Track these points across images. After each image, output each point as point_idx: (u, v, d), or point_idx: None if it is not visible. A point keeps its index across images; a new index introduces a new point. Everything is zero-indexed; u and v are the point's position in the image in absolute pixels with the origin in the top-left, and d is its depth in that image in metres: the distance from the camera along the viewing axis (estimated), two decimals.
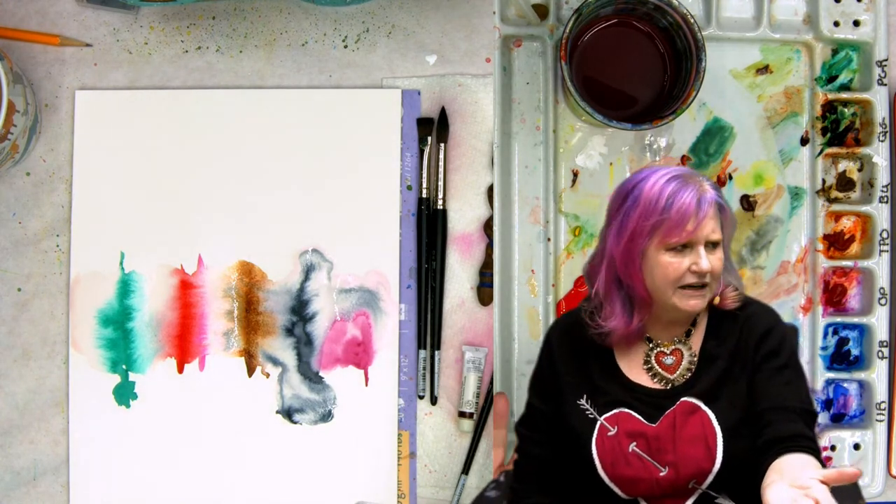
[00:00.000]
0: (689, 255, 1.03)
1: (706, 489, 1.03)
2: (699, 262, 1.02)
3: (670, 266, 1.03)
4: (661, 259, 1.03)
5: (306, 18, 1.31)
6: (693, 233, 1.02)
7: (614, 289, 1.07)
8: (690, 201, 1.02)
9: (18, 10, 1.30)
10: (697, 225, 1.02)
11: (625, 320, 1.06)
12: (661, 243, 1.03)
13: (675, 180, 1.03)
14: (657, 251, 1.03)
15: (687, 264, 1.03)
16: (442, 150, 1.30)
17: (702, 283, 1.03)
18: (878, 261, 1.29)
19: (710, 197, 1.03)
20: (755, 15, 1.31)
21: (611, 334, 1.07)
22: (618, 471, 1.04)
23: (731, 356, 1.05)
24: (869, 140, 1.30)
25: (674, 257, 1.03)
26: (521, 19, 1.30)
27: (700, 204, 1.02)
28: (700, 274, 1.02)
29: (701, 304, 1.04)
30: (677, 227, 1.02)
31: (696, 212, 1.02)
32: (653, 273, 1.04)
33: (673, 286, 1.03)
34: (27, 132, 1.24)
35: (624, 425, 1.05)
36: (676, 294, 1.03)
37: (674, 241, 1.02)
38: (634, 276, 1.05)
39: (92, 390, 1.28)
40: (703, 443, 1.03)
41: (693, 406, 1.04)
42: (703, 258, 1.02)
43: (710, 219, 1.03)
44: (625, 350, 1.08)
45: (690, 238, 1.02)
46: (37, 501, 1.29)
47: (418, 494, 1.30)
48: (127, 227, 1.29)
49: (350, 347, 1.29)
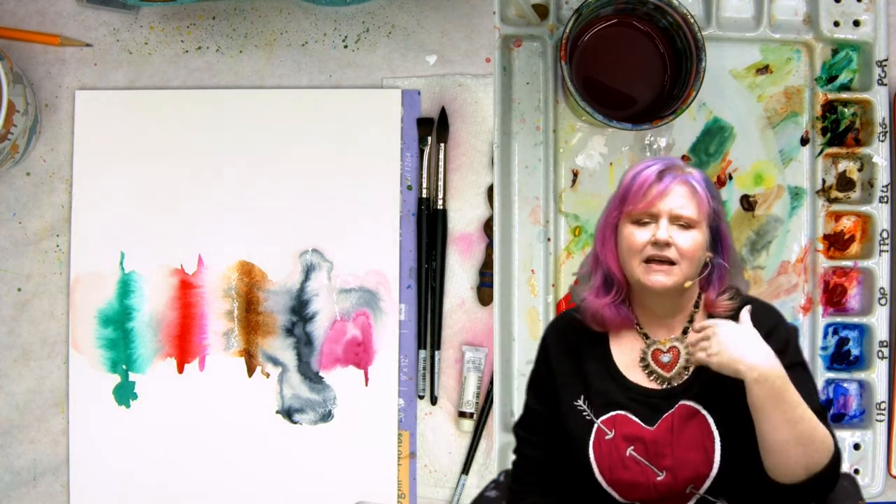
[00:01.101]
0: (652, 229, 1.04)
1: (704, 494, 1.03)
2: (657, 233, 1.03)
3: (632, 236, 1.05)
4: (625, 231, 1.06)
5: (306, 18, 1.31)
6: (651, 203, 1.04)
7: (597, 267, 1.10)
8: (652, 173, 1.05)
9: (18, 10, 1.30)
10: (656, 195, 1.04)
11: (601, 298, 1.08)
12: (626, 215, 1.06)
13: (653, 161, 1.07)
14: (624, 224, 1.06)
15: (647, 236, 1.04)
16: (442, 150, 1.30)
17: (665, 259, 1.03)
18: (878, 261, 1.29)
19: (678, 174, 1.05)
20: (755, 15, 1.31)
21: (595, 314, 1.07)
22: (615, 475, 1.04)
23: None
24: (869, 140, 1.30)
25: (637, 228, 1.05)
26: (521, 19, 1.30)
27: (661, 176, 1.05)
28: (658, 244, 1.03)
29: (665, 281, 1.04)
30: (636, 196, 1.05)
31: (655, 183, 1.04)
32: (621, 246, 1.06)
33: (637, 258, 1.04)
34: (27, 132, 1.24)
35: (621, 428, 1.05)
36: (640, 267, 1.04)
37: (631, 209, 1.05)
38: (608, 252, 1.08)
39: (92, 390, 1.28)
40: (701, 447, 1.02)
41: (692, 410, 1.04)
42: (662, 228, 1.03)
43: (678, 195, 1.04)
44: (621, 346, 1.08)
45: (650, 209, 1.04)
46: (37, 501, 1.29)
47: (418, 494, 1.30)
48: (127, 227, 1.29)
49: (350, 347, 1.29)
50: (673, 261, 1.03)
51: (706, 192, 1.06)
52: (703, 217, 1.05)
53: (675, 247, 1.03)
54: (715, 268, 1.07)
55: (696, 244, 1.04)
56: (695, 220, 1.04)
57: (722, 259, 1.08)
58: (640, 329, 1.08)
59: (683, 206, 1.04)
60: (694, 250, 1.04)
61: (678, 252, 1.03)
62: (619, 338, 1.09)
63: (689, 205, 1.04)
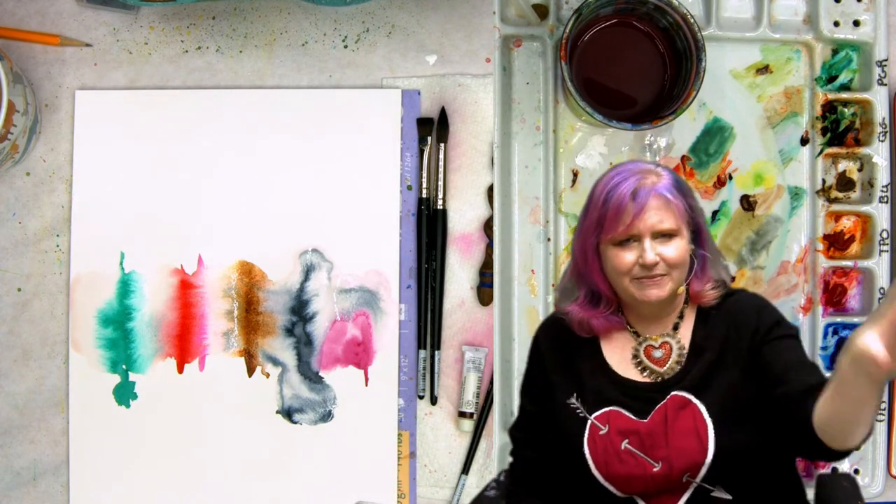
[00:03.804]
0: (636, 248, 1.04)
1: (700, 482, 1.03)
2: (644, 255, 1.03)
3: (617, 259, 1.04)
4: (609, 253, 1.05)
5: (306, 18, 1.31)
6: (631, 226, 1.03)
7: (581, 282, 1.09)
8: (625, 195, 1.03)
9: (18, 10, 1.30)
10: (635, 217, 1.03)
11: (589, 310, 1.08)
12: (606, 239, 1.04)
13: (620, 175, 1.05)
14: (606, 246, 1.05)
15: (633, 258, 1.04)
16: (442, 150, 1.30)
17: (655, 274, 1.03)
18: (878, 261, 1.29)
19: (650, 188, 1.03)
20: (755, 15, 1.31)
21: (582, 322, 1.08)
22: (611, 469, 1.04)
23: (721, 346, 1.06)
24: (869, 140, 1.30)
25: (621, 250, 1.04)
26: (521, 19, 1.30)
27: (636, 197, 1.03)
28: (646, 267, 1.03)
29: (660, 293, 1.04)
30: (613, 222, 1.03)
31: (630, 205, 1.03)
32: (606, 267, 1.06)
33: (626, 278, 1.04)
34: (27, 132, 1.24)
35: (615, 423, 1.05)
36: (633, 284, 1.04)
37: (612, 236, 1.04)
38: (593, 272, 1.07)
39: (92, 390, 1.28)
40: (694, 435, 1.03)
41: (684, 400, 1.04)
42: (648, 251, 1.03)
43: (654, 210, 1.03)
44: (612, 345, 1.09)
45: (630, 232, 1.03)
46: (37, 501, 1.29)
47: (418, 494, 1.30)
48: (127, 227, 1.29)
49: (350, 347, 1.29)
50: (663, 273, 1.04)
51: (680, 198, 1.05)
52: (682, 223, 1.05)
53: (663, 260, 1.03)
54: (697, 259, 1.07)
55: (681, 251, 1.04)
56: (675, 230, 1.04)
57: (703, 249, 1.08)
58: (630, 328, 1.09)
59: (662, 219, 1.03)
60: (681, 257, 1.04)
61: (667, 264, 1.03)
62: (609, 337, 1.09)
63: (668, 217, 1.03)
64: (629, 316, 1.09)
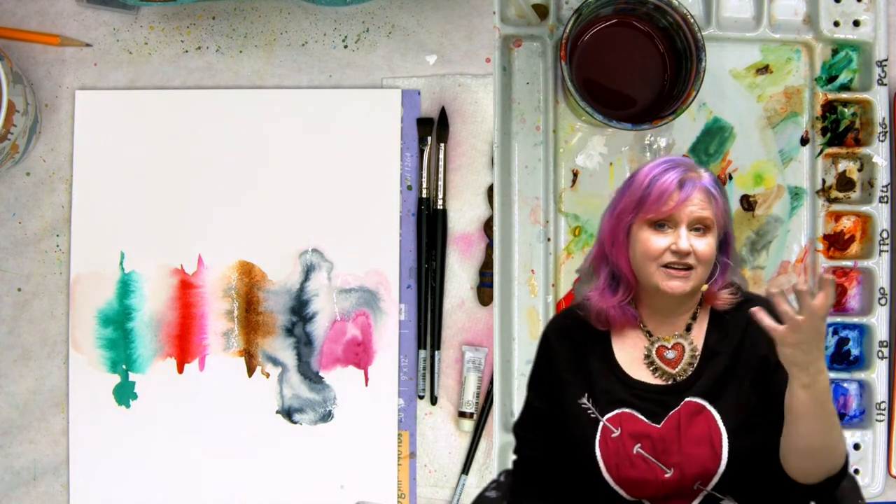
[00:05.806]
0: (671, 235, 1.04)
1: (711, 490, 1.03)
2: (678, 242, 1.03)
3: (649, 241, 1.05)
4: (641, 235, 1.05)
5: (306, 18, 1.31)
6: (672, 210, 1.04)
7: (602, 265, 1.10)
8: (672, 180, 1.05)
9: (18, 10, 1.30)
10: (678, 203, 1.04)
11: (608, 297, 1.08)
12: (643, 219, 1.05)
13: (665, 164, 1.07)
14: (640, 227, 1.06)
15: (667, 243, 1.04)
16: (442, 150, 1.30)
17: (684, 265, 1.04)
18: (878, 261, 1.29)
19: (696, 181, 1.05)
20: (755, 15, 1.31)
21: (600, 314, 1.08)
22: (623, 473, 1.04)
23: (734, 352, 1.06)
24: (869, 140, 1.30)
25: (655, 234, 1.05)
26: (521, 19, 1.30)
27: (682, 185, 1.05)
28: (679, 253, 1.03)
29: (683, 286, 1.04)
30: (656, 203, 1.04)
31: (676, 191, 1.04)
32: (635, 249, 1.06)
33: (654, 263, 1.04)
34: (27, 132, 1.24)
35: (627, 426, 1.05)
36: (658, 273, 1.04)
37: (652, 217, 1.05)
38: (619, 252, 1.07)
39: (92, 390, 1.28)
40: (708, 443, 1.03)
41: (698, 406, 1.04)
42: (683, 238, 1.03)
43: (696, 202, 1.04)
44: (624, 344, 1.09)
45: (671, 215, 1.04)
46: (37, 501, 1.29)
47: (418, 494, 1.30)
48: (127, 227, 1.29)
49: (350, 347, 1.29)
50: (691, 266, 1.04)
51: (721, 198, 1.07)
52: (718, 221, 1.06)
53: (694, 253, 1.04)
54: (719, 265, 1.08)
55: (711, 249, 1.05)
56: (712, 224, 1.05)
57: (726, 257, 1.08)
58: (643, 327, 1.09)
59: (703, 212, 1.05)
60: (710, 255, 1.05)
61: (696, 258, 1.04)
62: (621, 336, 1.09)
63: (708, 211, 1.05)
64: (643, 312, 1.09)
